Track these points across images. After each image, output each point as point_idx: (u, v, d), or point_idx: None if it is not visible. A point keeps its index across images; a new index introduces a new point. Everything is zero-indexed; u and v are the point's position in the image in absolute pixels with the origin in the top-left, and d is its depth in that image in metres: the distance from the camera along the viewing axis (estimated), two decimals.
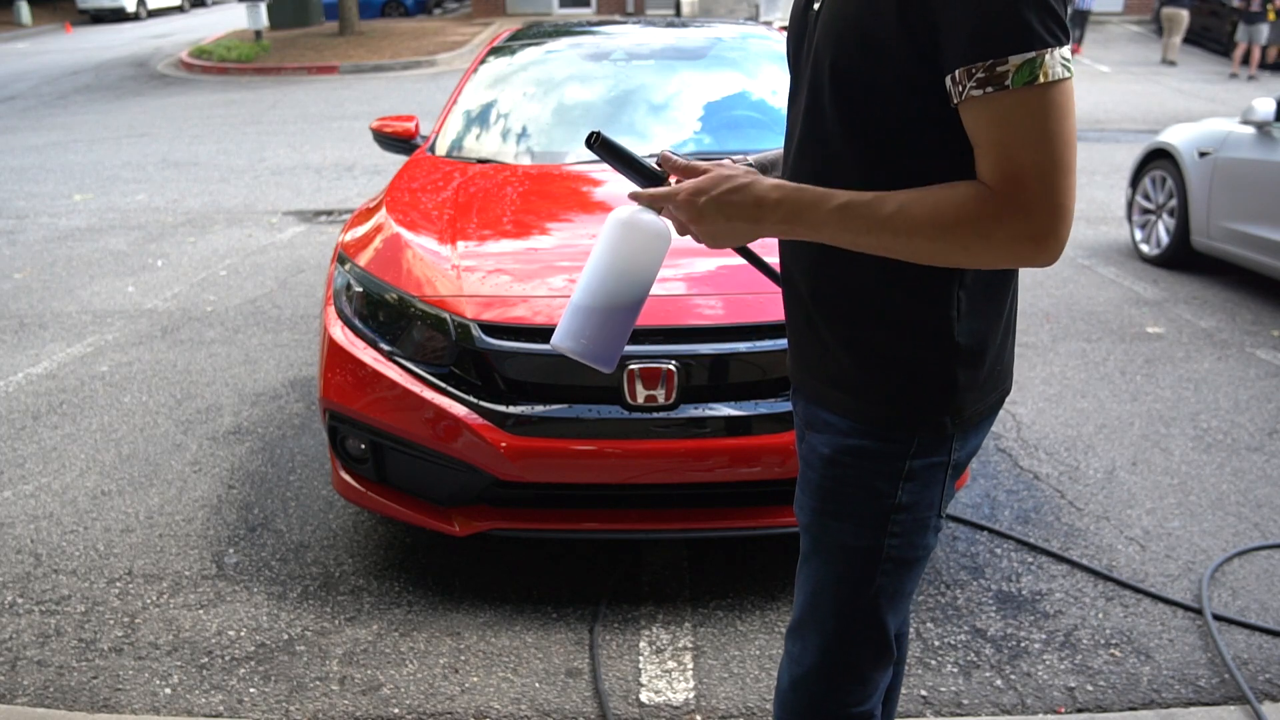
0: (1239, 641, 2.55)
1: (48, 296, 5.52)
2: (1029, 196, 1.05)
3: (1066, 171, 1.06)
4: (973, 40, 1.05)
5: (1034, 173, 1.05)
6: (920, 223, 1.10)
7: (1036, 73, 1.03)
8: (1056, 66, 1.03)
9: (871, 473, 1.29)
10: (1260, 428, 3.78)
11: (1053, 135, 1.04)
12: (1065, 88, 1.04)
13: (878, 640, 1.39)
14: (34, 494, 3.37)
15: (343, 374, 2.72)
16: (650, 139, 3.68)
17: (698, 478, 2.57)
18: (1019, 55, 1.03)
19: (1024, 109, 1.04)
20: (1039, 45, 1.02)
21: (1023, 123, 1.04)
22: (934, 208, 1.10)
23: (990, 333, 1.27)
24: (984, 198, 1.08)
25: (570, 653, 2.54)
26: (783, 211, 1.17)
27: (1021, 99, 1.04)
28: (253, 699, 2.38)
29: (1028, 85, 1.03)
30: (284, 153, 9.58)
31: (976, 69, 1.05)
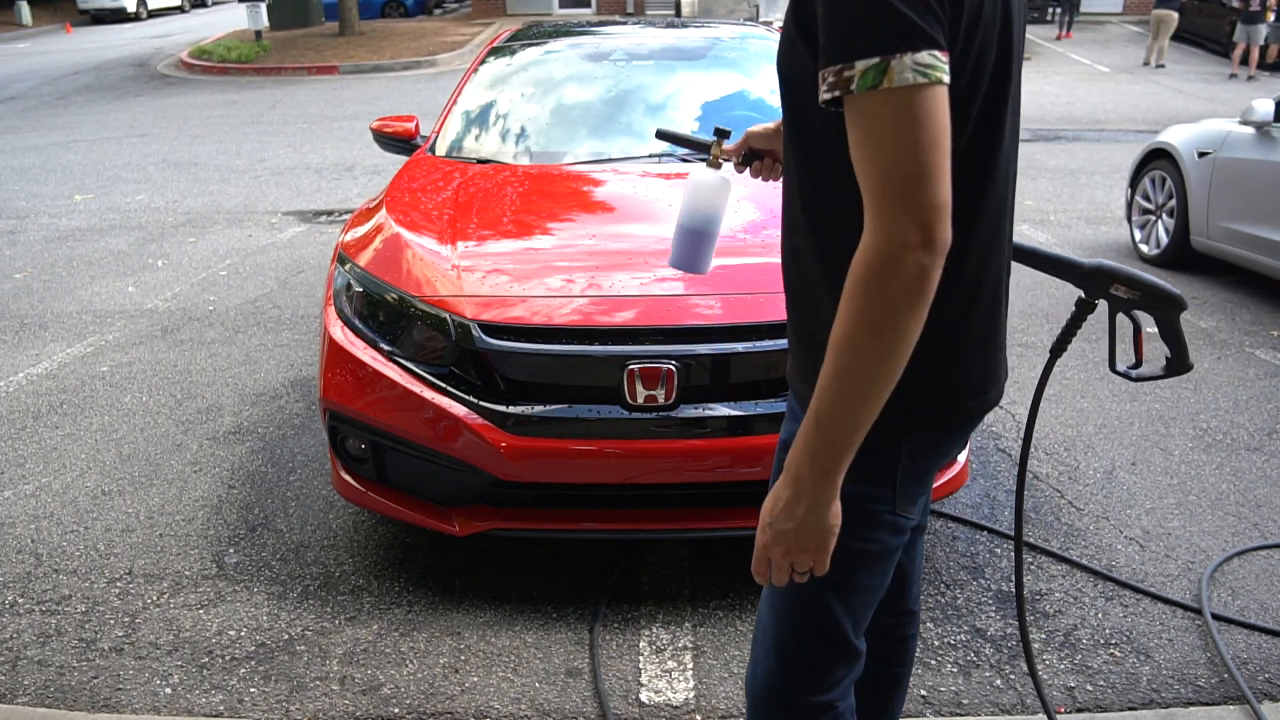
0: (1238, 641, 2.55)
1: (48, 296, 5.52)
2: (889, 205, 1.03)
3: (920, 175, 1.02)
4: (826, 44, 1.05)
5: (888, 179, 1.03)
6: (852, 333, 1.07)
7: (881, 79, 1.01)
8: (906, 72, 1.01)
9: None
10: (1260, 428, 3.78)
11: (902, 142, 1.02)
12: (917, 94, 1.01)
13: (828, 633, 1.38)
14: (34, 494, 3.37)
15: (343, 374, 2.73)
16: (649, 139, 3.68)
17: (698, 478, 2.57)
18: (864, 61, 1.02)
19: (870, 114, 1.03)
20: (883, 51, 1.01)
21: (871, 129, 1.03)
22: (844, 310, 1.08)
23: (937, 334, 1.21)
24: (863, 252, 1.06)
25: (570, 653, 2.54)
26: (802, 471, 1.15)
27: (868, 104, 1.03)
28: (253, 699, 2.39)
29: (872, 90, 1.02)
30: (284, 153, 9.58)
31: (828, 73, 1.05)
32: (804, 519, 1.17)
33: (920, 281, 1.04)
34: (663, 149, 3.59)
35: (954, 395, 1.30)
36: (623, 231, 3.00)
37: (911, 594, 1.69)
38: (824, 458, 1.13)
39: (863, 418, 1.10)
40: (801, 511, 1.17)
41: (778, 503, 1.19)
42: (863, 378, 1.08)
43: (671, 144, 1.95)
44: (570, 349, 2.52)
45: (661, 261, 2.77)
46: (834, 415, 1.11)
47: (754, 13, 17.81)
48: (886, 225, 1.03)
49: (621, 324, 2.55)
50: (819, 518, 1.17)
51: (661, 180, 3.33)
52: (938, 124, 1.02)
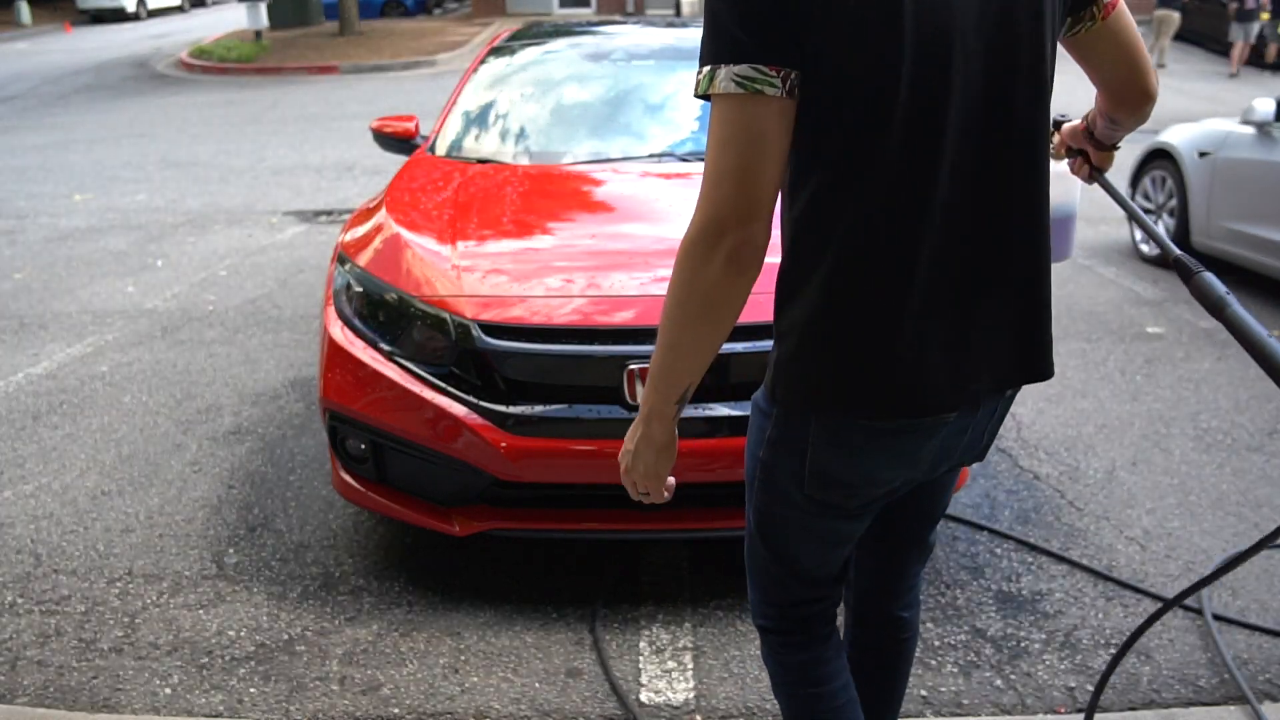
0: (1239, 641, 2.55)
1: (48, 296, 5.52)
2: (702, 195, 1.17)
3: (725, 177, 1.15)
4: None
5: (711, 174, 1.16)
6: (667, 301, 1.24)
7: (708, 85, 1.16)
8: (726, 82, 1.13)
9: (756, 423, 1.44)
10: (1260, 428, 3.78)
11: (717, 142, 1.15)
12: (731, 102, 1.14)
13: (773, 561, 1.52)
14: (34, 494, 3.37)
15: (343, 374, 2.72)
16: (649, 139, 3.68)
17: (698, 478, 2.57)
18: (704, 67, 1.17)
19: (710, 115, 1.17)
20: (710, 60, 1.16)
21: (710, 129, 1.17)
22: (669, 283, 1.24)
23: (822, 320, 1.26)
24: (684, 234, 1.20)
25: (570, 653, 2.54)
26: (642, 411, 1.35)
27: (709, 106, 1.17)
28: (253, 699, 2.39)
29: (705, 96, 1.17)
30: (284, 153, 9.58)
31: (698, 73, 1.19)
32: (637, 448, 1.38)
33: (706, 268, 1.18)
34: (662, 149, 3.59)
35: (860, 388, 1.27)
36: (622, 231, 3.00)
37: (902, 600, 1.70)
38: (651, 398, 1.32)
39: (674, 374, 1.28)
40: (636, 439, 1.37)
41: (630, 435, 1.40)
42: (668, 340, 1.26)
43: None
44: (570, 349, 2.52)
45: (661, 261, 2.76)
46: (654, 367, 1.29)
47: None
48: (699, 213, 1.17)
49: (621, 324, 2.55)
50: (648, 448, 1.37)
51: (661, 180, 3.33)
52: (752, 131, 1.14)
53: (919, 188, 1.22)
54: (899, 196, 1.22)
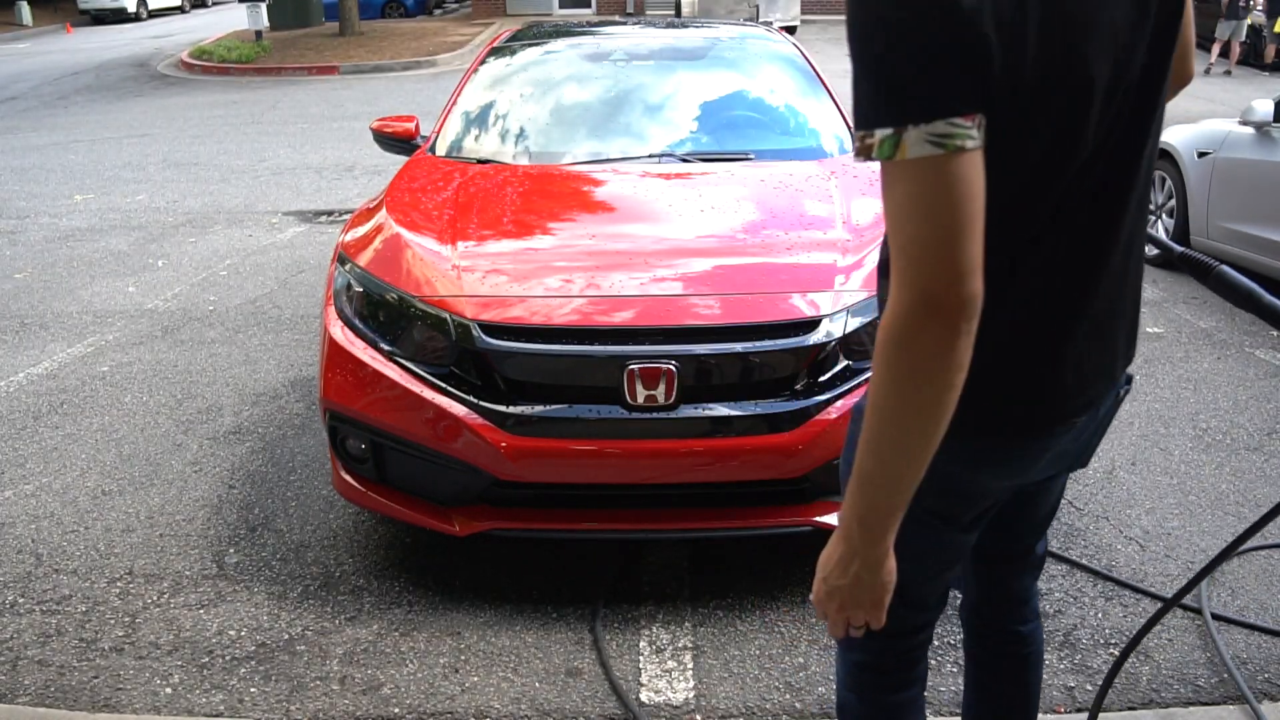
0: (1238, 641, 2.55)
1: (49, 297, 5.53)
2: (906, 272, 1.02)
3: (940, 242, 1.01)
4: (854, 108, 1.06)
5: (906, 245, 1.02)
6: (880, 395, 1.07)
7: (895, 150, 1.00)
8: (920, 145, 0.98)
9: None
10: (1259, 428, 3.78)
11: (920, 211, 1.00)
12: (930, 165, 0.99)
13: None
14: (35, 494, 3.37)
15: (343, 374, 2.73)
16: (649, 139, 3.68)
17: (698, 478, 2.57)
18: (881, 130, 1.01)
19: (890, 181, 1.02)
20: (894, 123, 0.99)
21: (891, 195, 1.03)
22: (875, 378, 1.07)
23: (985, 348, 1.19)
24: (886, 314, 1.05)
25: (570, 653, 2.54)
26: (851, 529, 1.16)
27: (888, 171, 1.02)
28: (253, 698, 2.39)
29: (890, 161, 1.01)
30: (284, 153, 9.58)
31: (855, 137, 1.05)
32: (857, 575, 1.18)
33: (939, 348, 1.03)
34: (662, 149, 3.59)
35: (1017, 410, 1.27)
36: (623, 231, 3.00)
37: (1023, 613, 1.68)
38: (870, 519, 1.13)
39: (903, 479, 1.10)
40: (855, 568, 1.17)
41: (830, 559, 1.20)
42: (895, 443, 1.07)
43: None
44: (570, 349, 2.53)
45: (661, 261, 2.77)
46: (874, 478, 1.11)
47: (754, 13, 17.81)
48: (905, 292, 1.02)
49: (621, 324, 2.55)
50: (872, 576, 1.17)
51: (661, 180, 3.33)
52: (957, 191, 1.00)
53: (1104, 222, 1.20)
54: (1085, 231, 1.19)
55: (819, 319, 2.56)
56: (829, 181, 3.28)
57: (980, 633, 1.71)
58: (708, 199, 3.14)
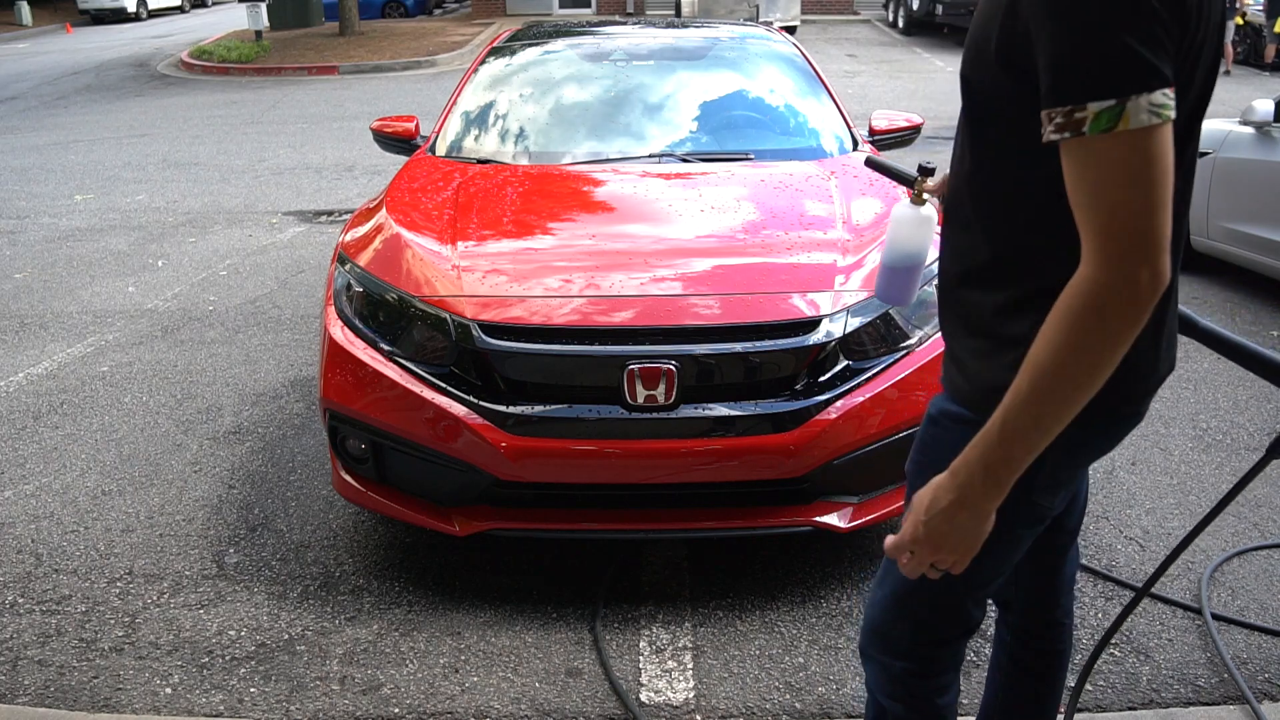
0: (1238, 641, 2.55)
1: (48, 297, 5.53)
2: (1116, 244, 1.04)
3: (1150, 213, 1.03)
4: (1055, 83, 1.04)
5: (1117, 219, 1.03)
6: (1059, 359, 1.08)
7: (1116, 121, 1.00)
8: (1141, 114, 1.00)
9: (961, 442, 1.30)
10: (1260, 428, 3.78)
11: (1133, 183, 1.02)
12: (1151, 135, 1.01)
13: (947, 597, 1.42)
14: (35, 494, 3.37)
15: (343, 374, 2.73)
16: (649, 139, 3.68)
17: (698, 478, 2.57)
18: (1098, 103, 1.01)
19: (1101, 156, 1.02)
20: (1119, 94, 1.00)
21: (1100, 170, 1.03)
22: (1052, 336, 1.09)
23: None
24: (1082, 284, 1.07)
25: (570, 653, 2.54)
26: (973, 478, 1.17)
27: (1099, 146, 1.02)
28: (253, 698, 2.39)
29: (1106, 133, 1.01)
30: (284, 153, 9.58)
31: (1055, 114, 1.04)
32: (962, 524, 1.20)
33: (1137, 317, 1.05)
34: (662, 149, 3.60)
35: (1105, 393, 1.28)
36: (623, 231, 3.00)
37: (1062, 604, 1.69)
38: (1001, 470, 1.15)
39: (1046, 438, 1.13)
40: (962, 517, 1.19)
41: (936, 503, 1.21)
42: (1059, 403, 1.10)
43: (879, 172, 2.01)
44: (570, 349, 2.53)
45: (661, 261, 2.77)
46: (1021, 432, 1.13)
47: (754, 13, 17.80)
48: (1113, 263, 1.03)
49: (621, 324, 2.55)
50: (976, 525, 1.20)
51: (661, 180, 3.33)
52: (1165, 161, 1.02)
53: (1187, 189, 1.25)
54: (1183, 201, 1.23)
55: (819, 319, 2.56)
56: (829, 181, 3.28)
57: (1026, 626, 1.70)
58: (708, 199, 3.14)
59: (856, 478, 2.64)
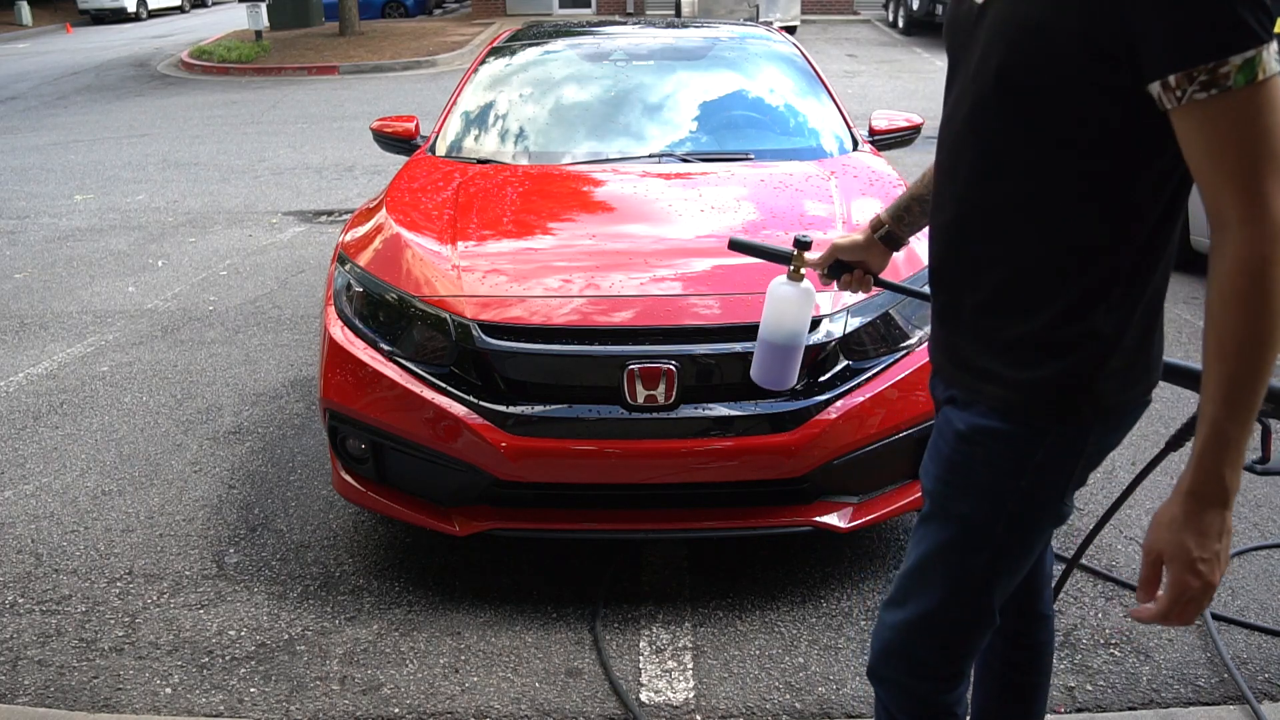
0: (1238, 641, 2.55)
1: (48, 297, 5.53)
2: (1268, 195, 1.04)
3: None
4: (1190, 43, 1.04)
5: (1262, 169, 1.04)
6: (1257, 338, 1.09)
7: (1256, 70, 1.02)
8: (1272, 62, 1.02)
9: (1000, 455, 1.31)
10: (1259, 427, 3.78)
11: (1273, 128, 1.04)
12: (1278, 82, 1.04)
13: (979, 608, 1.41)
14: (35, 494, 3.37)
15: (343, 374, 2.73)
16: (649, 139, 3.68)
17: (698, 478, 2.57)
18: (1239, 55, 1.02)
19: (1243, 109, 1.03)
20: (1256, 42, 1.02)
21: (1242, 123, 1.04)
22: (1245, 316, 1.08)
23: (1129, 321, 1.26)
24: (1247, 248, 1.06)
25: (570, 653, 2.54)
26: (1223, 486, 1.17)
27: (1241, 99, 1.03)
28: (253, 698, 2.39)
29: (1250, 84, 1.02)
30: (284, 153, 9.58)
31: (1198, 72, 1.04)
32: (1229, 529, 1.17)
33: None
34: (662, 149, 3.60)
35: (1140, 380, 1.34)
36: (622, 231, 3.00)
37: (1045, 596, 1.70)
38: (1239, 462, 1.17)
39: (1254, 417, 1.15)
40: (1222, 526, 1.16)
41: (1206, 531, 1.16)
42: (1270, 366, 1.10)
43: (747, 254, 1.83)
44: (570, 349, 2.53)
45: (661, 261, 2.77)
46: (1248, 409, 1.14)
47: (754, 13, 17.81)
48: (1268, 207, 1.04)
49: (621, 324, 2.55)
50: (1229, 526, 1.18)
51: (661, 180, 3.33)
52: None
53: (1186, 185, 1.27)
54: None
55: (819, 319, 2.56)
56: (829, 181, 3.28)
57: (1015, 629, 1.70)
58: (708, 199, 3.14)
59: (856, 478, 2.64)
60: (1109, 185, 1.19)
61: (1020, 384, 1.29)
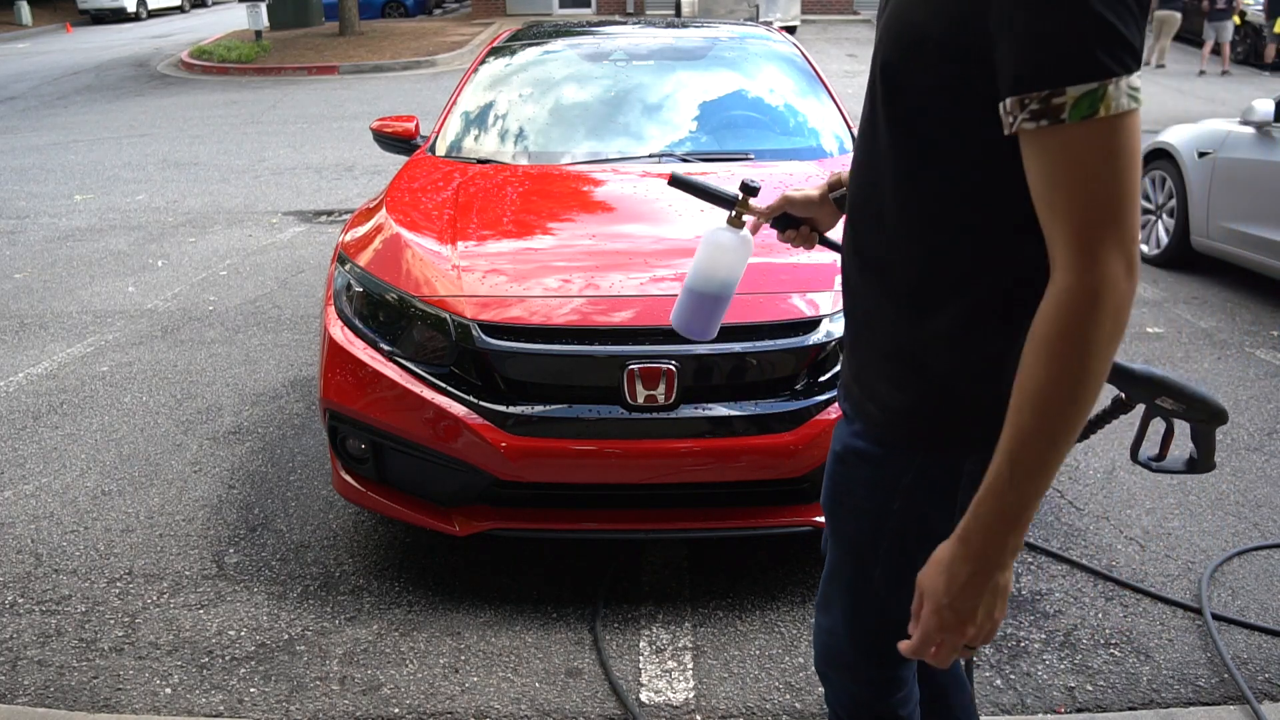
0: (1238, 641, 2.55)
1: (48, 296, 5.53)
2: (1096, 240, 0.96)
3: (1128, 204, 0.97)
4: (1027, 67, 0.96)
5: (1094, 212, 0.96)
6: (1059, 385, 0.99)
7: (1097, 105, 0.93)
8: (1122, 98, 0.93)
9: (870, 477, 1.26)
10: (1260, 428, 3.78)
11: (1113, 172, 0.95)
12: (1129, 120, 0.95)
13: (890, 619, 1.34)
14: (34, 494, 3.37)
15: (343, 374, 2.73)
16: (648, 139, 3.68)
17: (698, 478, 2.57)
18: (1078, 86, 0.93)
19: (1080, 144, 0.95)
20: (1101, 75, 0.93)
21: (1078, 160, 0.96)
22: (1044, 362, 1.00)
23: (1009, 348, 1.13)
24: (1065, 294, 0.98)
25: (570, 653, 2.54)
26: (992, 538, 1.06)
27: (1078, 134, 0.95)
28: (253, 699, 2.39)
29: (1086, 120, 0.94)
30: (284, 153, 9.58)
31: (1030, 99, 0.96)
32: (991, 591, 1.08)
33: (1125, 315, 0.98)
34: (662, 149, 3.60)
35: None
36: (622, 231, 3.00)
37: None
38: (1020, 516, 1.05)
39: (1057, 467, 1.04)
40: (988, 585, 1.08)
41: (955, 581, 1.08)
42: (1066, 427, 1.00)
43: (688, 193, 1.74)
44: (570, 349, 2.53)
45: (661, 261, 2.77)
46: (1034, 470, 1.03)
47: (754, 13, 17.81)
48: (1094, 263, 0.96)
49: (621, 324, 2.55)
50: (1006, 584, 1.08)
51: (661, 180, 3.33)
52: (1139, 149, 0.97)
53: None
54: None
55: (819, 319, 2.56)
56: None
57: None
58: None
59: None
60: (985, 199, 1.10)
61: (889, 407, 1.23)
